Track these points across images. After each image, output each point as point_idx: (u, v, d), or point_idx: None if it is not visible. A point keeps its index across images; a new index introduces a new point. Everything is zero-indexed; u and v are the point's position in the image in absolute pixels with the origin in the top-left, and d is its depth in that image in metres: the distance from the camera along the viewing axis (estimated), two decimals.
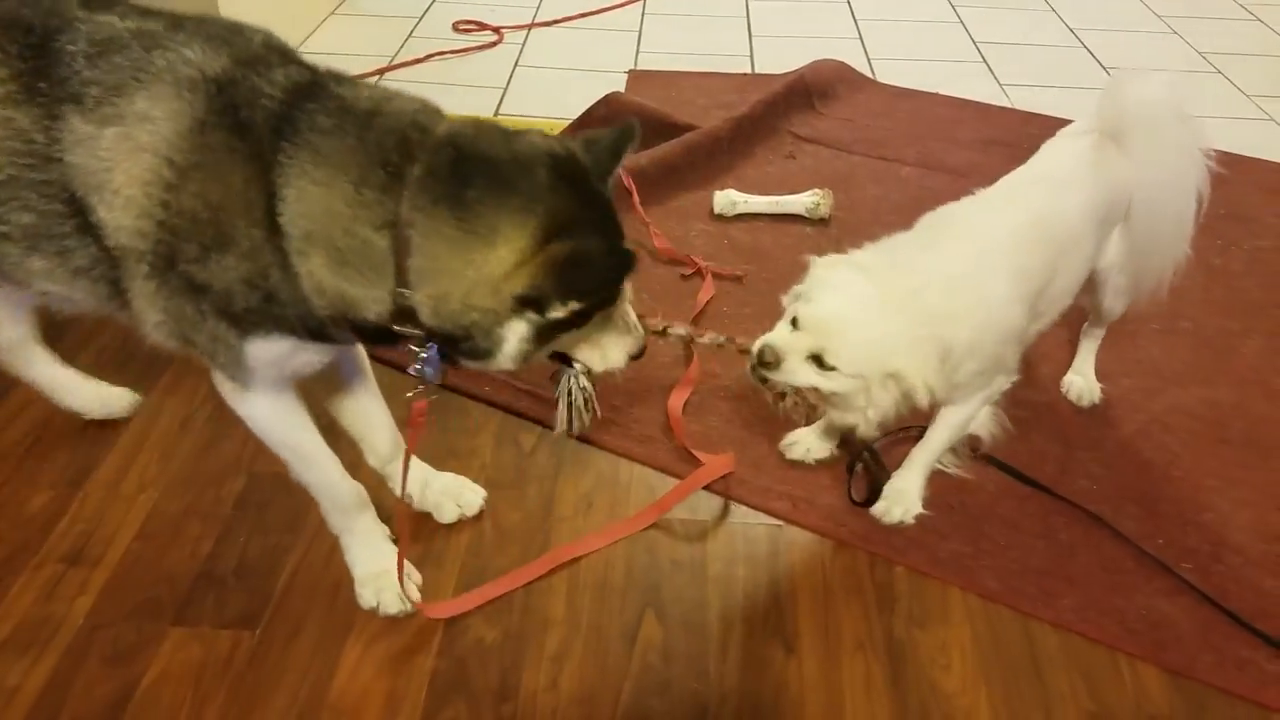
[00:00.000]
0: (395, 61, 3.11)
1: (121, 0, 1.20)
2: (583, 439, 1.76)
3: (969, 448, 1.68)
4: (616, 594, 1.50)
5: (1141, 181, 1.60)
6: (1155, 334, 2.06)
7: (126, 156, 1.09)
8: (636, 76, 3.09)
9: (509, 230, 1.08)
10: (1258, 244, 2.37)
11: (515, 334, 1.13)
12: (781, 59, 3.16)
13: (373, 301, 1.12)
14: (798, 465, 1.72)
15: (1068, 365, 1.95)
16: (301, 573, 1.51)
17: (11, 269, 1.23)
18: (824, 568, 1.56)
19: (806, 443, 1.73)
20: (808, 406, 1.49)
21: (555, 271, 1.08)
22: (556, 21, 3.46)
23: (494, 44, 3.28)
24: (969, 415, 1.59)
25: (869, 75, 3.15)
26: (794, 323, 1.43)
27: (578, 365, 1.27)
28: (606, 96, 2.74)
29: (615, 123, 2.90)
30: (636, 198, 2.36)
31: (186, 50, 1.12)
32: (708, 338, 1.78)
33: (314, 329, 1.17)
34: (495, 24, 3.38)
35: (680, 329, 1.78)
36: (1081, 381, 1.89)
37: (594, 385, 1.30)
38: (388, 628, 1.44)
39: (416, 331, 1.14)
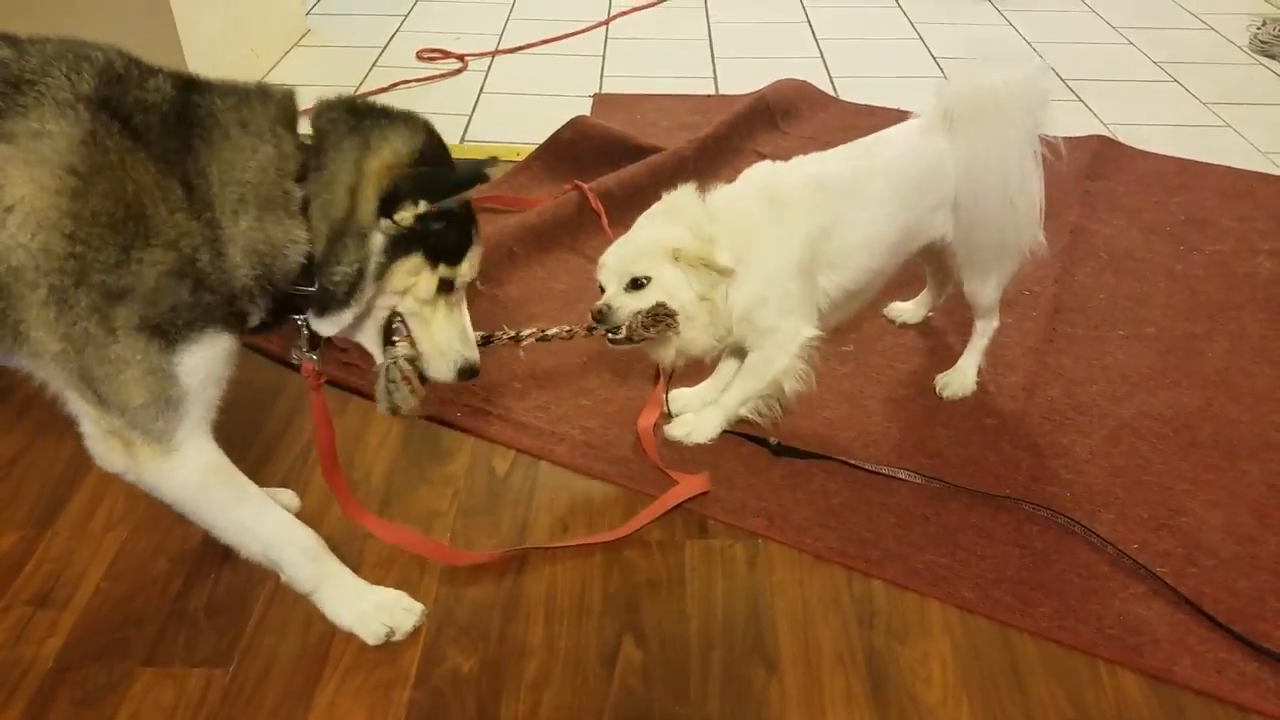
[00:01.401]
0: (360, 91, 3.11)
1: None
2: (557, 462, 1.76)
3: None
4: (594, 618, 1.49)
5: (960, 164, 1.71)
6: (1121, 340, 2.08)
7: (22, 170, 1.10)
8: (601, 100, 3.10)
9: (389, 142, 1.29)
10: (1217, 248, 2.40)
11: (376, 245, 1.29)
12: (745, 80, 3.19)
13: (293, 243, 1.25)
14: (773, 483, 1.72)
15: (1036, 375, 1.97)
16: (273, 608, 1.49)
17: None
18: (802, 584, 1.55)
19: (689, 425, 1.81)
20: (647, 333, 1.65)
21: (412, 175, 1.29)
22: (520, 48, 3.48)
23: (458, 71, 3.29)
24: (769, 361, 1.72)
25: (831, 93, 3.18)
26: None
27: (400, 346, 1.39)
28: (572, 120, 2.75)
29: (582, 145, 2.93)
30: (605, 220, 2.37)
31: (51, 76, 1.13)
32: (554, 330, 1.73)
33: (233, 309, 1.26)
34: (459, 52, 3.38)
35: (530, 330, 1.71)
36: (956, 378, 1.93)
37: (415, 367, 1.41)
38: (363, 660, 1.42)
39: (309, 289, 1.29)
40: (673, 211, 1.69)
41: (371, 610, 1.44)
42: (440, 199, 1.31)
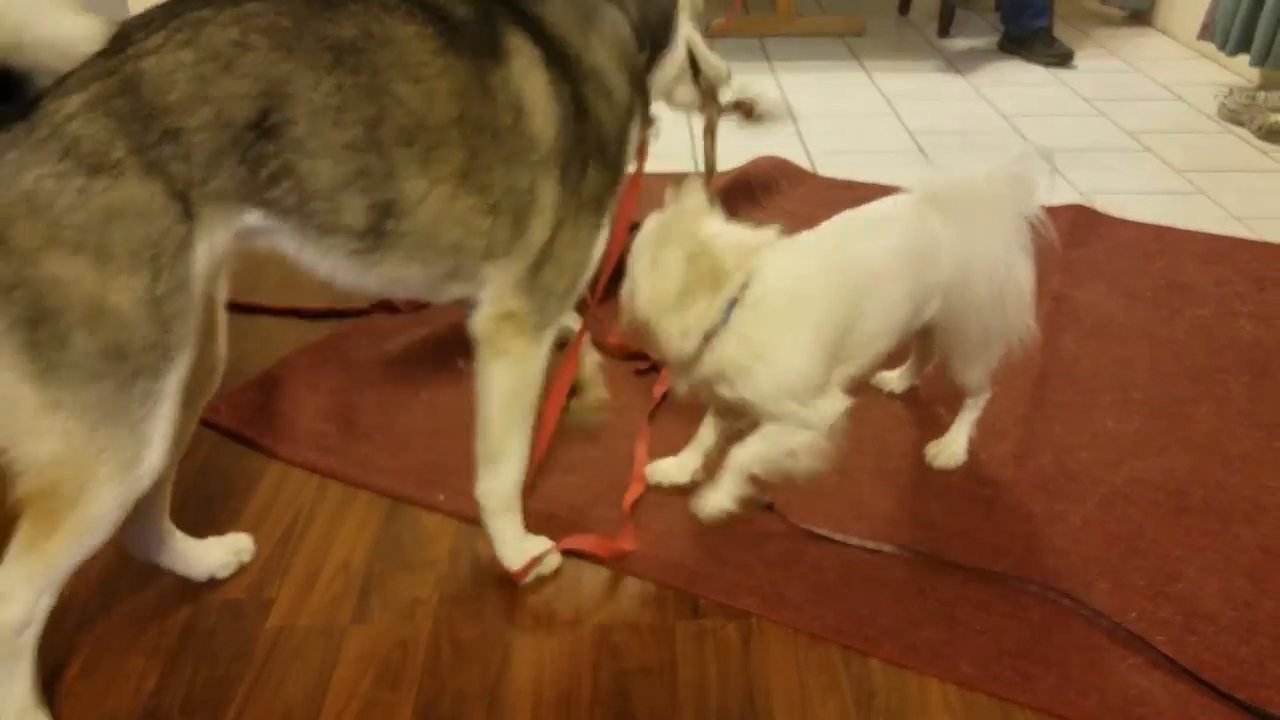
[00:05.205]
0: None
1: None
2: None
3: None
4: (583, 709, 1.44)
5: (953, 252, 1.68)
6: (1109, 406, 2.08)
7: (534, 82, 1.37)
8: None
9: None
10: (1199, 312, 2.42)
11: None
12: (724, 157, 3.21)
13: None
14: (765, 560, 1.68)
15: (1026, 443, 1.96)
16: (251, 703, 1.44)
17: (435, 221, 1.33)
18: (798, 665, 1.51)
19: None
20: None
21: None
22: None
23: None
24: (791, 433, 1.62)
25: (810, 169, 3.23)
26: None
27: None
28: None
29: None
30: (589, 295, 2.37)
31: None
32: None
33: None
34: None
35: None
36: (946, 448, 1.91)
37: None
38: None
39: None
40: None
41: (528, 549, 1.62)
42: None
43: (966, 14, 4.77)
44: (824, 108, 3.79)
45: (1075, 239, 2.72)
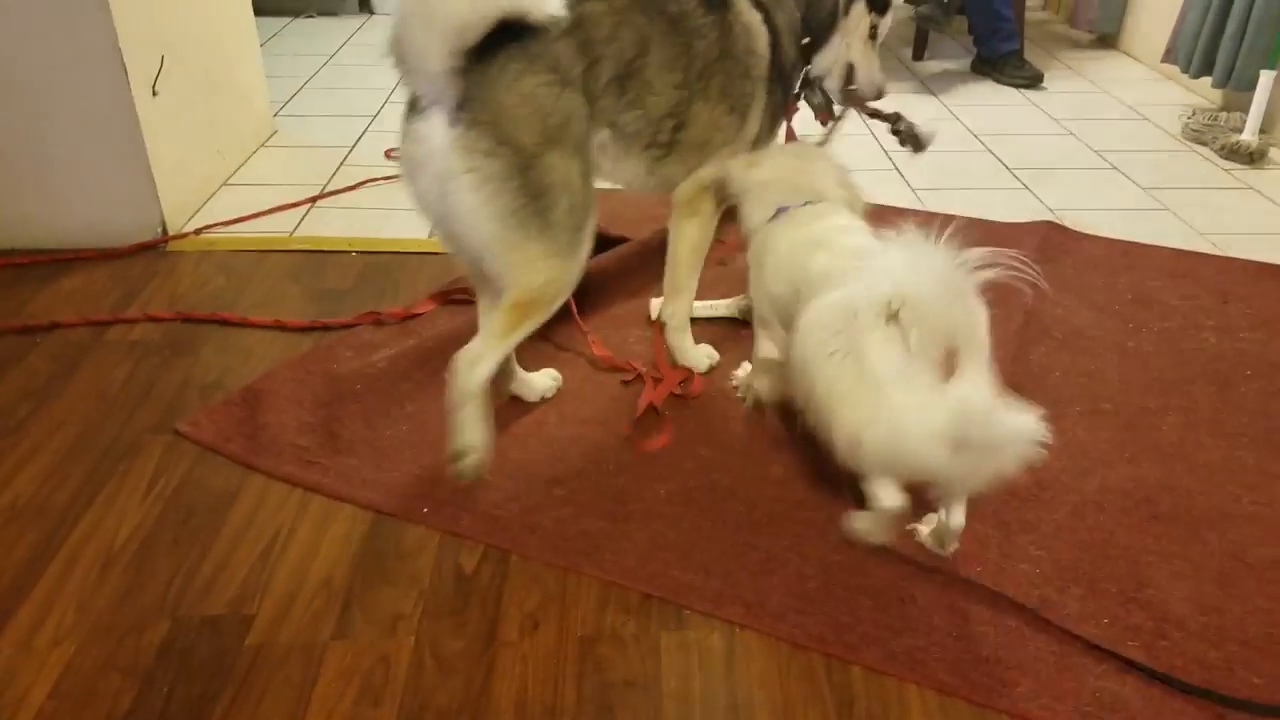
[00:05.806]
0: (328, 189, 3.14)
1: None
2: (529, 555, 1.73)
3: None
4: None
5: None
6: (1079, 416, 2.12)
7: (759, 31, 1.95)
8: None
9: None
10: (1165, 325, 2.47)
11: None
12: None
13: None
14: (749, 569, 1.70)
15: None
16: None
17: (705, 128, 1.92)
18: (781, 674, 1.53)
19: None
20: None
21: None
22: None
23: None
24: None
25: None
26: None
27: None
28: None
29: None
30: (575, 308, 2.38)
31: None
32: None
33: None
34: None
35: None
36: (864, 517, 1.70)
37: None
38: None
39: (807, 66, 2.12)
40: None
41: (701, 354, 2.25)
42: None
43: (940, 37, 4.85)
44: (802, 126, 3.82)
45: (1045, 254, 2.77)
